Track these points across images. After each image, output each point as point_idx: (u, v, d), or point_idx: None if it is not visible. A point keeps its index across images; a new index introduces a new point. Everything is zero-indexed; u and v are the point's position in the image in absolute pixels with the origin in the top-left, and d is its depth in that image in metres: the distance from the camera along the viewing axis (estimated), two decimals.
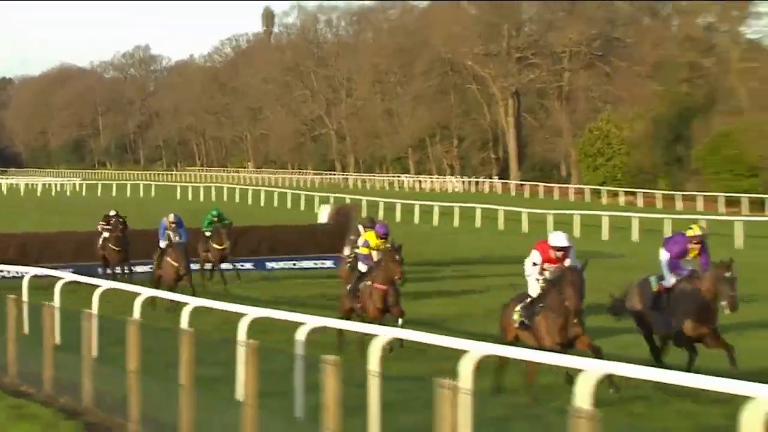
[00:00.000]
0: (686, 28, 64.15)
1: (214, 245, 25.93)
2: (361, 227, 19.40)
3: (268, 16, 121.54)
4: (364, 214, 47.21)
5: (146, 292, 16.22)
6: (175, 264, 22.00)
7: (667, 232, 39.26)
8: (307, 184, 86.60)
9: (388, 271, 15.83)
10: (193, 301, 14.59)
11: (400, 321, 15.71)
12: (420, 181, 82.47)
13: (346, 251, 31.75)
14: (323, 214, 34.59)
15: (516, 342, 12.47)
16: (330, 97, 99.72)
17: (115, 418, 12.32)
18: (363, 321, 15.61)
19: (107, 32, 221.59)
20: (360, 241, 17.32)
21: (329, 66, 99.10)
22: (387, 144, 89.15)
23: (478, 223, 48.75)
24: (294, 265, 31.70)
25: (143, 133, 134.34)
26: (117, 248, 26.34)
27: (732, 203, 54.19)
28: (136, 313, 14.96)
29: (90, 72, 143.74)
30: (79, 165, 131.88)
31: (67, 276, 18.95)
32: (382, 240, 16.82)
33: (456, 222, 49.23)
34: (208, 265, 26.62)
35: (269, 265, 30.77)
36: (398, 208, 53.10)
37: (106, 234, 26.80)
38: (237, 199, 67.76)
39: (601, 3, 71.91)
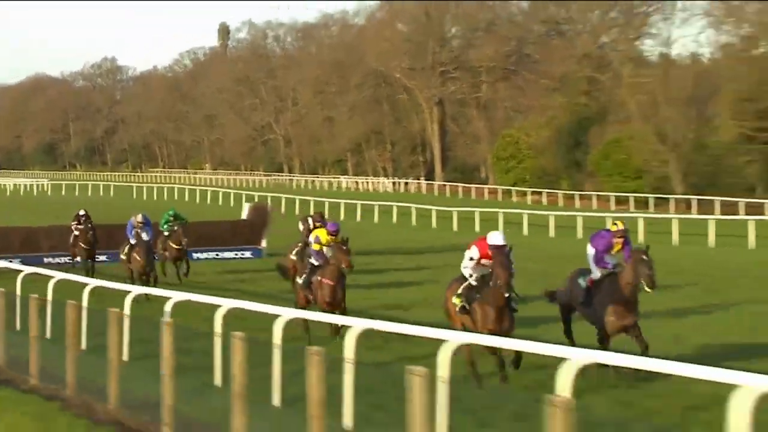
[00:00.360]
0: (585, 47, 66.68)
1: (172, 244, 25.77)
2: (310, 220, 20.10)
3: (224, 31, 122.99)
4: (297, 211, 49.21)
5: (59, 275, 18.04)
6: (141, 261, 22.71)
7: (551, 227, 41.70)
8: (255, 185, 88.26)
9: (336, 262, 15.97)
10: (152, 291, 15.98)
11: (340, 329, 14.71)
12: (357, 182, 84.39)
13: (264, 243, 33.80)
14: (245, 211, 36.39)
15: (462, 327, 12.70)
16: (278, 106, 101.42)
17: (21, 375, 14.19)
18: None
19: (77, 44, 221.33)
20: (311, 238, 17.46)
21: (277, 77, 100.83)
22: (327, 148, 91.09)
23: (395, 219, 50.83)
24: (217, 255, 33.61)
25: (110, 137, 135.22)
26: (86, 245, 27.37)
27: (621, 202, 56.74)
28: (49, 293, 16.81)
29: (61, 81, 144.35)
30: (51, 167, 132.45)
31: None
32: (332, 237, 16.84)
33: (376, 218, 51.30)
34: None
35: (195, 255, 32.47)
36: (327, 205, 55.14)
37: (76, 232, 27.81)
38: (186, 198, 69.43)
39: (514, 23, 74.29)
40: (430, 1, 77.67)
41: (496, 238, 12.82)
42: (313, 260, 16.76)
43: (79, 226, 27.65)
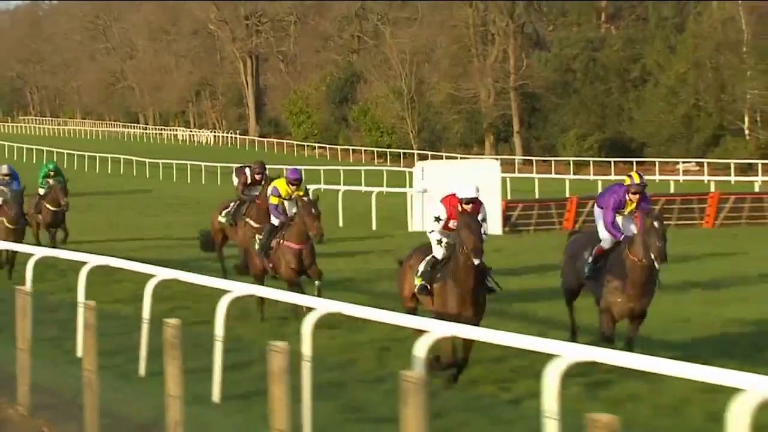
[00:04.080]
0: (354, 8, 77.09)
1: (48, 206, 23.63)
2: (248, 171, 19.16)
3: None
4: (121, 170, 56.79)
5: None
6: (9, 224, 21.45)
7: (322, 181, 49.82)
8: (99, 137, 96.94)
9: (302, 226, 14.95)
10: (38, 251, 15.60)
11: (317, 283, 14.88)
12: (191, 134, 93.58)
13: None
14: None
15: (415, 309, 11.81)
16: (129, 51, 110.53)
17: None
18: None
19: None
20: (269, 189, 16.32)
21: (125, 20, 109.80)
22: (166, 97, 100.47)
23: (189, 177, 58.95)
24: None
25: None
26: None
27: (380, 156, 67.51)
28: None
29: None
30: None
31: None
32: (294, 187, 15.77)
33: (174, 177, 59.19)
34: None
35: None
36: (147, 165, 62.78)
37: None
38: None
39: None
40: None
41: (466, 189, 11.28)
42: (272, 219, 15.74)
43: None
